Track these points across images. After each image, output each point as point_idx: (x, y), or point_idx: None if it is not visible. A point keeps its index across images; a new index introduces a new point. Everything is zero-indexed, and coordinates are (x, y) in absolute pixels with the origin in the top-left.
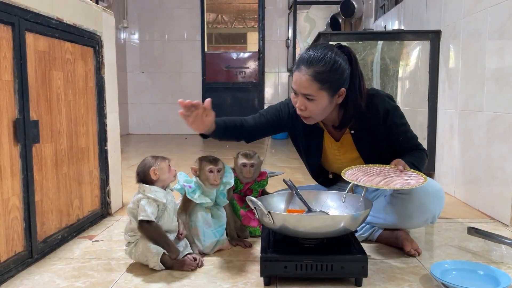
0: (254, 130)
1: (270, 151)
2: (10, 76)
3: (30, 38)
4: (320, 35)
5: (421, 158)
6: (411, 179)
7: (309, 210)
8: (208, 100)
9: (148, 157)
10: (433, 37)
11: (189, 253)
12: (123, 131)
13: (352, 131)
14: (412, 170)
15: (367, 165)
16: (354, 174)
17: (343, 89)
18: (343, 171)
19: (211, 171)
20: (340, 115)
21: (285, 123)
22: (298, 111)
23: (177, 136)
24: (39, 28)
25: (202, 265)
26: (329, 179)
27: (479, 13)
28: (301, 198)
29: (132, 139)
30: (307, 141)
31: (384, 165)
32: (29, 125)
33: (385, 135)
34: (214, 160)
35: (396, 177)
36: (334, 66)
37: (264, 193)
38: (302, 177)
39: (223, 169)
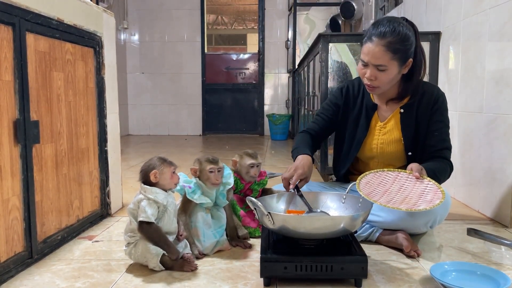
0: (321, 134)
1: (270, 152)
2: (11, 77)
3: (30, 39)
4: (320, 36)
5: (444, 169)
6: (428, 191)
7: (310, 210)
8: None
9: (155, 157)
10: (433, 38)
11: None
12: (123, 132)
13: (402, 110)
14: (428, 178)
15: (381, 169)
16: (369, 183)
17: (410, 59)
18: (358, 179)
19: (211, 171)
20: (400, 88)
21: (341, 109)
22: (366, 81)
23: (176, 137)
24: (39, 29)
25: (196, 267)
26: (348, 171)
27: (479, 14)
28: (302, 196)
29: (132, 140)
30: (358, 116)
31: (399, 170)
32: (30, 125)
33: (428, 121)
34: (214, 160)
35: (412, 186)
36: (406, 37)
37: (265, 191)
38: None
39: (222, 169)
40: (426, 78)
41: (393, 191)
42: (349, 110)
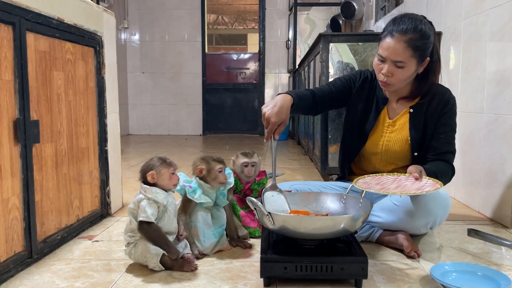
0: (324, 100)
1: (270, 152)
2: (11, 76)
3: (30, 38)
4: (320, 36)
5: (445, 172)
6: (426, 186)
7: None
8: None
9: (155, 157)
10: None
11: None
12: (123, 132)
13: (411, 110)
14: (427, 177)
15: (380, 174)
16: (366, 182)
17: (428, 58)
18: (355, 180)
19: (220, 171)
20: (413, 87)
21: (353, 91)
22: (382, 78)
23: (177, 137)
24: (39, 28)
25: (196, 267)
26: (349, 168)
27: (479, 15)
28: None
29: (132, 139)
30: (368, 109)
31: (398, 173)
32: (30, 125)
33: (435, 123)
34: (220, 159)
35: (411, 185)
36: (427, 35)
37: None
38: (302, 178)
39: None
40: None
41: (390, 188)
42: (360, 96)
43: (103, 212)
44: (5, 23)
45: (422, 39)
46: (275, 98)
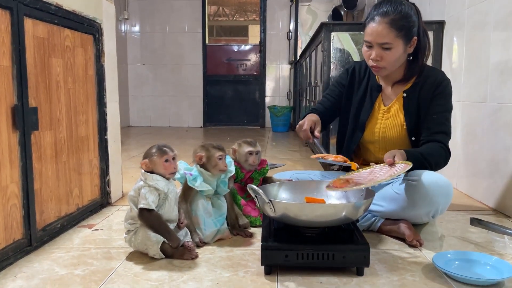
0: (326, 115)
1: (271, 143)
2: (9, 62)
3: (28, 24)
4: (322, 25)
5: (436, 152)
6: (397, 170)
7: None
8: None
9: (156, 145)
10: (437, 28)
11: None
12: (124, 124)
13: (405, 94)
14: (400, 161)
15: (357, 170)
16: (344, 185)
17: (415, 37)
18: (328, 187)
19: (220, 158)
20: (406, 69)
21: (345, 89)
22: (372, 63)
23: (177, 129)
24: (37, 14)
25: (197, 255)
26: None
27: (483, 3)
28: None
29: (132, 131)
30: (363, 98)
31: (374, 165)
32: (28, 112)
33: (429, 105)
34: (221, 147)
35: (385, 174)
36: (408, 14)
37: (265, 180)
38: (303, 169)
39: None
40: None
41: (366, 183)
42: (353, 91)
43: (103, 201)
44: (2, 7)
45: (404, 18)
46: None
